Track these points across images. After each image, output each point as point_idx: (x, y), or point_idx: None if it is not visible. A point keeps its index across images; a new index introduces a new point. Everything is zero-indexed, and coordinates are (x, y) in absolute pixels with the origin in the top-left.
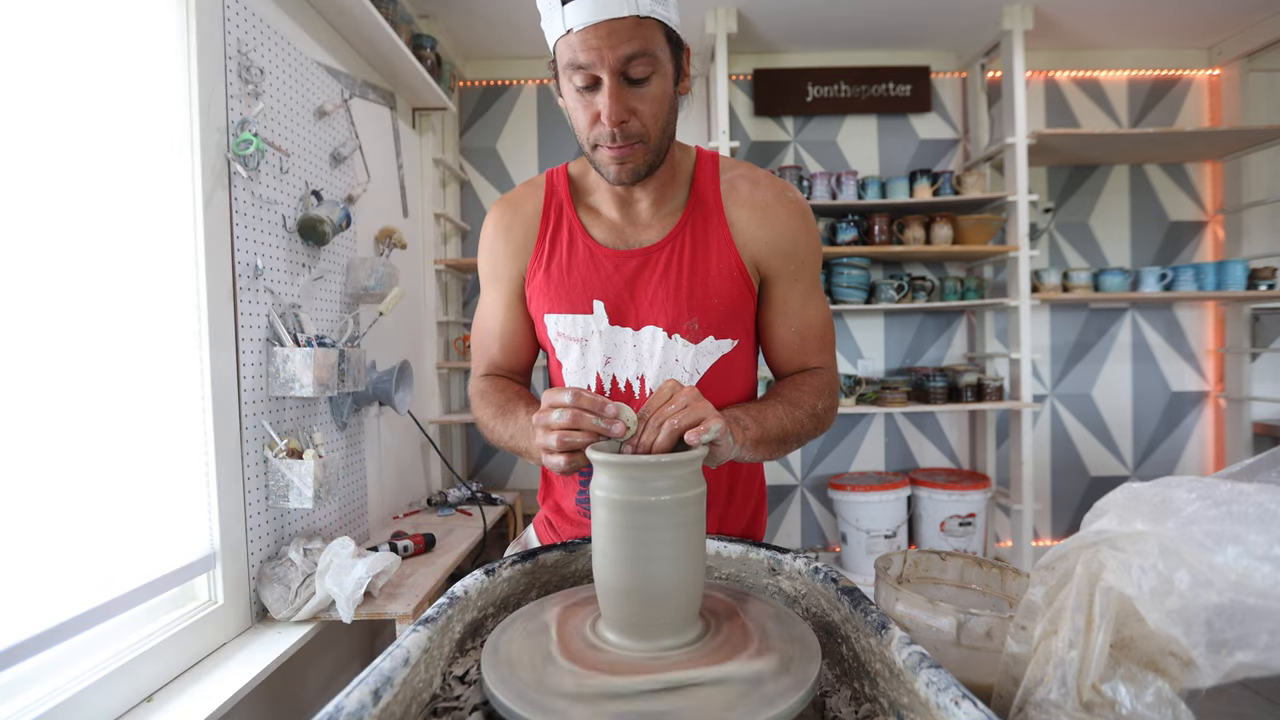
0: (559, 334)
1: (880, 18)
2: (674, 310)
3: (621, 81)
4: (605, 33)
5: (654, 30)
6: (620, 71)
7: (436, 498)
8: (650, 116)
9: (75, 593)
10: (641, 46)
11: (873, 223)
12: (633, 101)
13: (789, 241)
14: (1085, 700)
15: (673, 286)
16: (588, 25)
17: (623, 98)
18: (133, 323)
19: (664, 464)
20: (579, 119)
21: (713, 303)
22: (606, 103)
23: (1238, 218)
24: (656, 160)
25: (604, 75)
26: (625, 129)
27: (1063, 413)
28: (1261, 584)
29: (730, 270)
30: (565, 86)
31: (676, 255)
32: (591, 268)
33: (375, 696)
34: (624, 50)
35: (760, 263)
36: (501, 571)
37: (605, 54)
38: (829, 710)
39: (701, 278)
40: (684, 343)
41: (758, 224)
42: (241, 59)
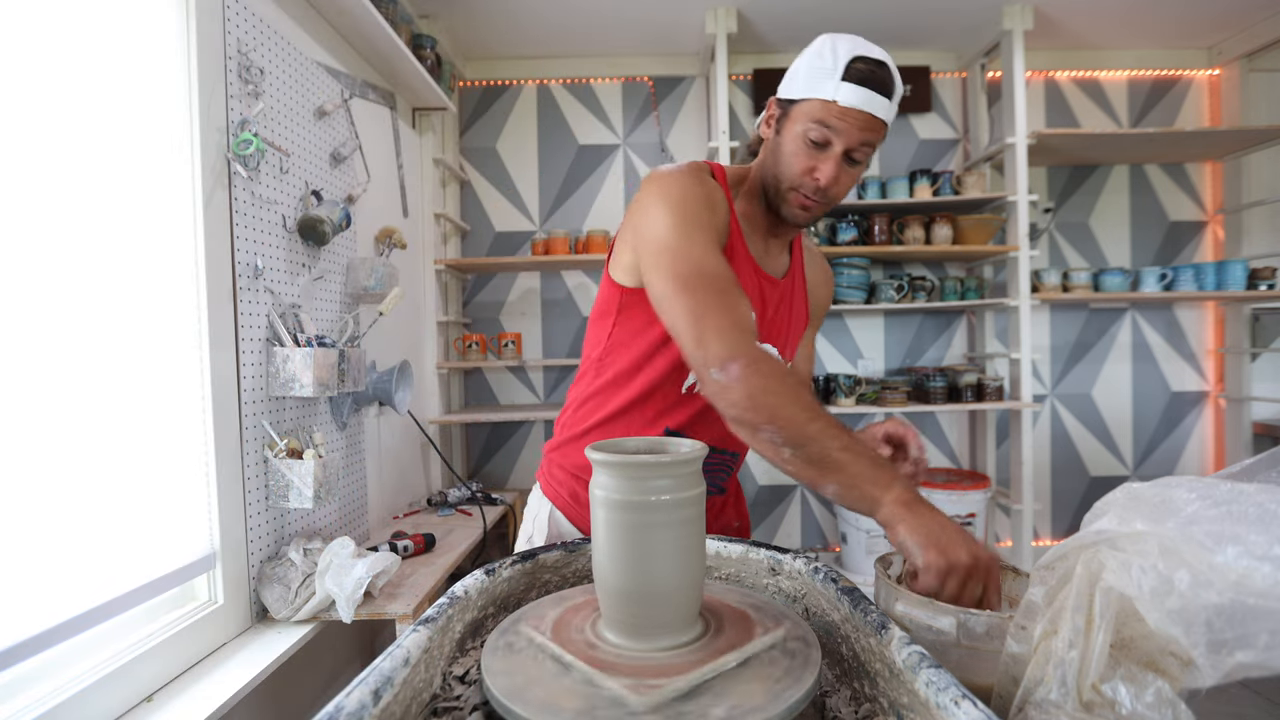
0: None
1: (880, 18)
2: (784, 338)
3: (842, 159)
4: (862, 122)
5: (884, 134)
6: (850, 151)
7: (436, 498)
8: (845, 189)
9: (75, 593)
10: (874, 141)
11: (873, 223)
12: (844, 176)
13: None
14: (1085, 700)
15: (787, 318)
16: (853, 108)
17: (839, 172)
18: (133, 323)
19: (664, 464)
20: (793, 163)
21: (796, 334)
22: (830, 169)
23: (1238, 218)
24: (819, 218)
25: (839, 146)
26: (827, 194)
27: (1063, 413)
28: (1261, 584)
29: (804, 312)
30: (790, 129)
31: (791, 293)
32: (753, 278)
33: (375, 696)
34: (866, 136)
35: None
36: (501, 571)
37: (852, 135)
38: (829, 710)
39: (798, 313)
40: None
41: (821, 285)
42: (241, 59)
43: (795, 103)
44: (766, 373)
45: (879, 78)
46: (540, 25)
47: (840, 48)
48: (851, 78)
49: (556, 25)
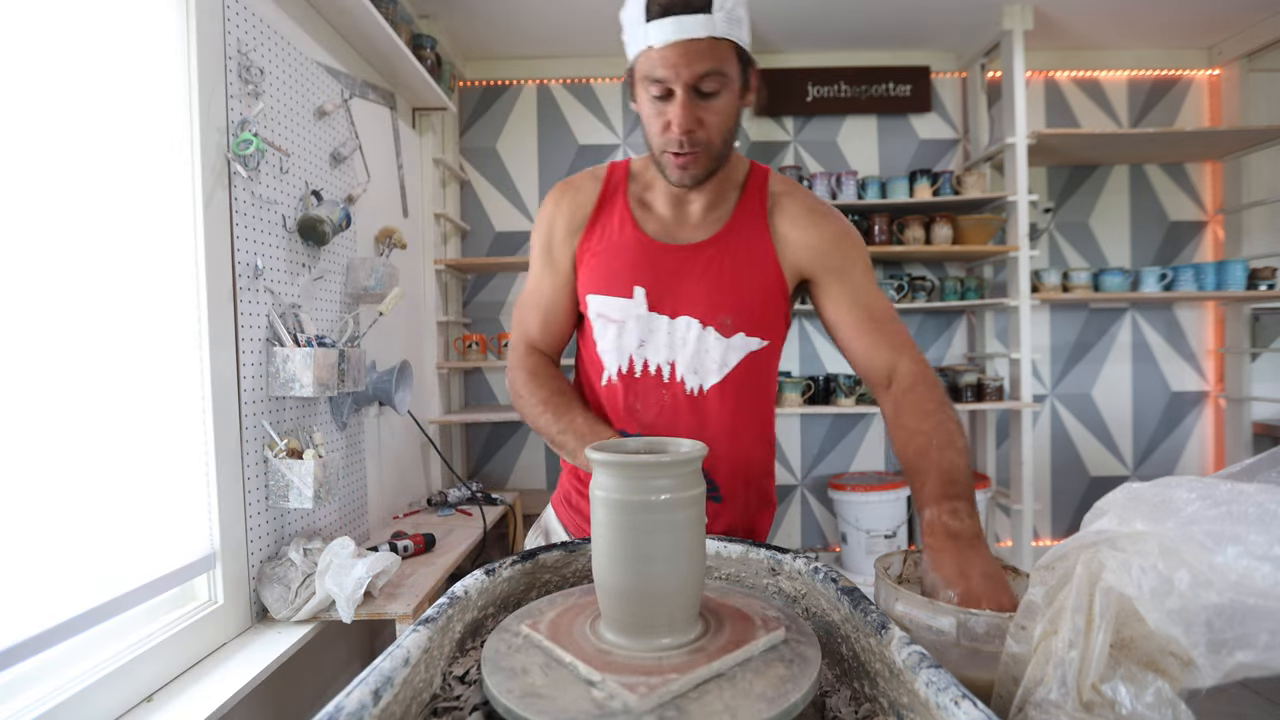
0: (599, 314)
1: (880, 18)
2: (710, 305)
3: (693, 95)
4: (682, 51)
5: (727, 50)
6: (692, 86)
7: (436, 498)
8: (715, 128)
9: (75, 593)
10: (714, 65)
11: (873, 223)
12: (701, 113)
13: (830, 240)
14: (1085, 700)
15: (712, 282)
16: (668, 43)
17: (692, 110)
18: (133, 323)
19: (664, 464)
20: (651, 126)
21: (746, 303)
22: (678, 113)
23: (1238, 218)
24: (716, 167)
25: (677, 89)
26: (692, 138)
27: (1063, 413)
28: (1261, 584)
29: (767, 276)
30: (641, 95)
31: (719, 255)
32: (637, 256)
33: (375, 696)
34: (698, 68)
35: (806, 266)
36: (501, 571)
37: (681, 70)
38: (829, 710)
39: (739, 278)
40: (716, 335)
41: (800, 230)
42: (241, 59)
43: (632, 70)
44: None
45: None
46: (540, 25)
47: None
48: (654, 14)
49: (556, 25)
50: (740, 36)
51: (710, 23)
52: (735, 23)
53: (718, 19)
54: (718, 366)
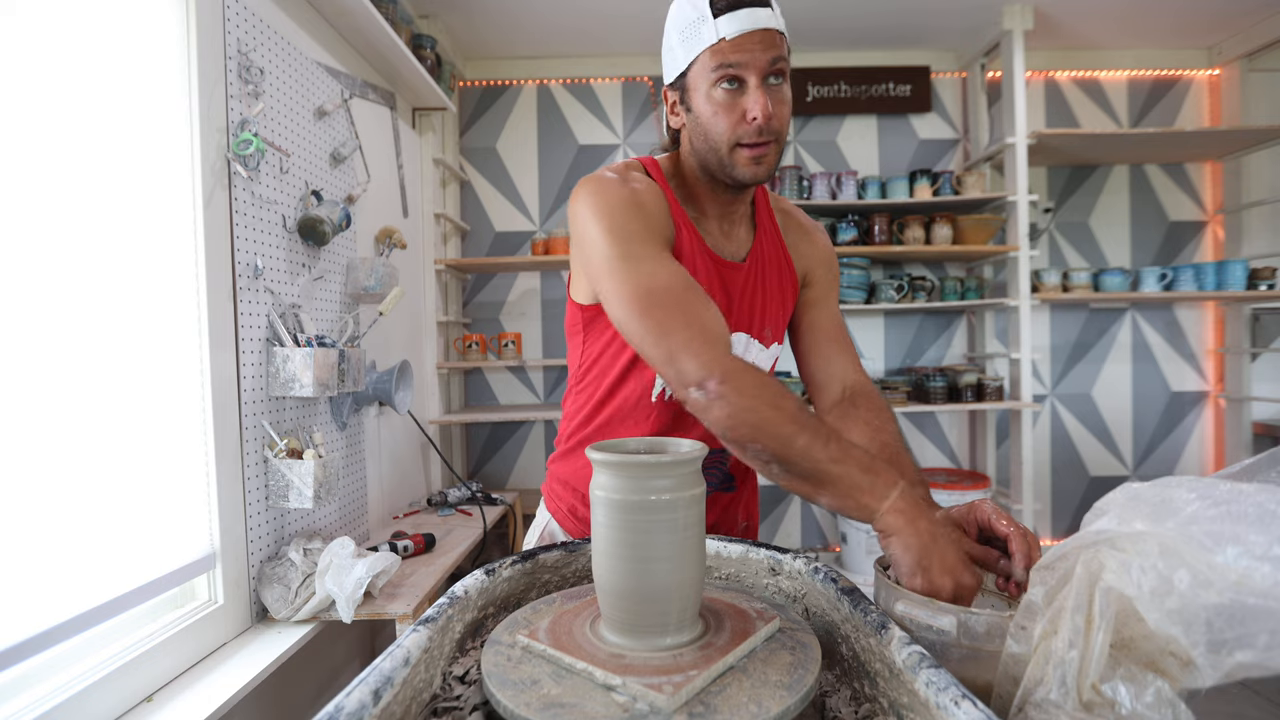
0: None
1: (880, 18)
2: (758, 319)
3: (766, 84)
4: (758, 39)
5: (786, 45)
6: (765, 73)
7: (436, 498)
8: (784, 119)
9: (75, 593)
10: (782, 52)
11: (873, 223)
12: (772, 105)
13: (826, 254)
14: (1085, 700)
15: (760, 298)
16: (742, 33)
17: (769, 98)
18: (133, 323)
19: (664, 464)
20: (722, 120)
21: (780, 313)
22: (758, 99)
23: (1238, 218)
24: (778, 164)
25: (753, 77)
26: (769, 125)
27: (1063, 413)
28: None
29: (790, 284)
30: (704, 96)
31: (759, 269)
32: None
33: (375, 696)
34: (772, 54)
35: (809, 275)
36: (501, 571)
37: (758, 57)
38: (829, 710)
39: (776, 291)
40: (760, 347)
41: (806, 241)
42: (242, 59)
43: (686, 74)
44: (745, 388)
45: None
46: (540, 25)
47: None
48: (722, 8)
49: (556, 25)
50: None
51: (773, 16)
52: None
53: (777, 14)
54: None
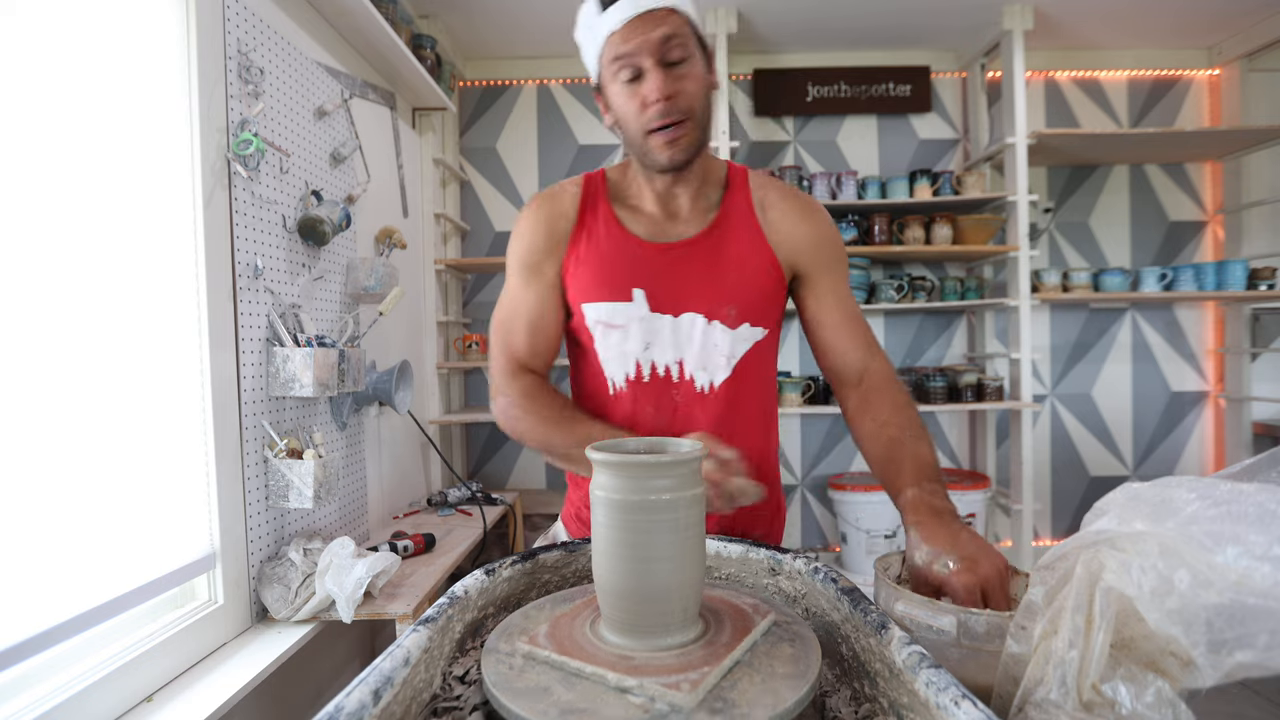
0: (597, 321)
1: (880, 18)
2: (714, 297)
3: (662, 66)
4: (641, 22)
5: (683, 19)
6: (660, 55)
7: (436, 498)
8: (692, 94)
9: (76, 593)
10: (674, 29)
11: (873, 223)
12: (674, 83)
13: (823, 237)
14: (1085, 700)
15: (712, 275)
16: (627, 20)
17: (666, 79)
18: (133, 323)
19: (664, 464)
20: (629, 110)
21: (747, 292)
22: (654, 80)
23: (1238, 218)
24: (701, 140)
25: (646, 62)
26: (673, 104)
27: (1063, 413)
28: (1261, 584)
29: (764, 264)
30: (613, 89)
31: (716, 246)
32: (631, 258)
33: (375, 696)
34: (660, 32)
35: (798, 258)
36: (501, 571)
37: (646, 44)
38: (829, 710)
39: (739, 268)
40: (723, 328)
41: (791, 222)
42: (242, 59)
43: (600, 73)
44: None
45: None
46: (540, 25)
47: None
48: (608, 1)
49: (556, 25)
50: (691, 14)
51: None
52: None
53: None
54: (726, 360)
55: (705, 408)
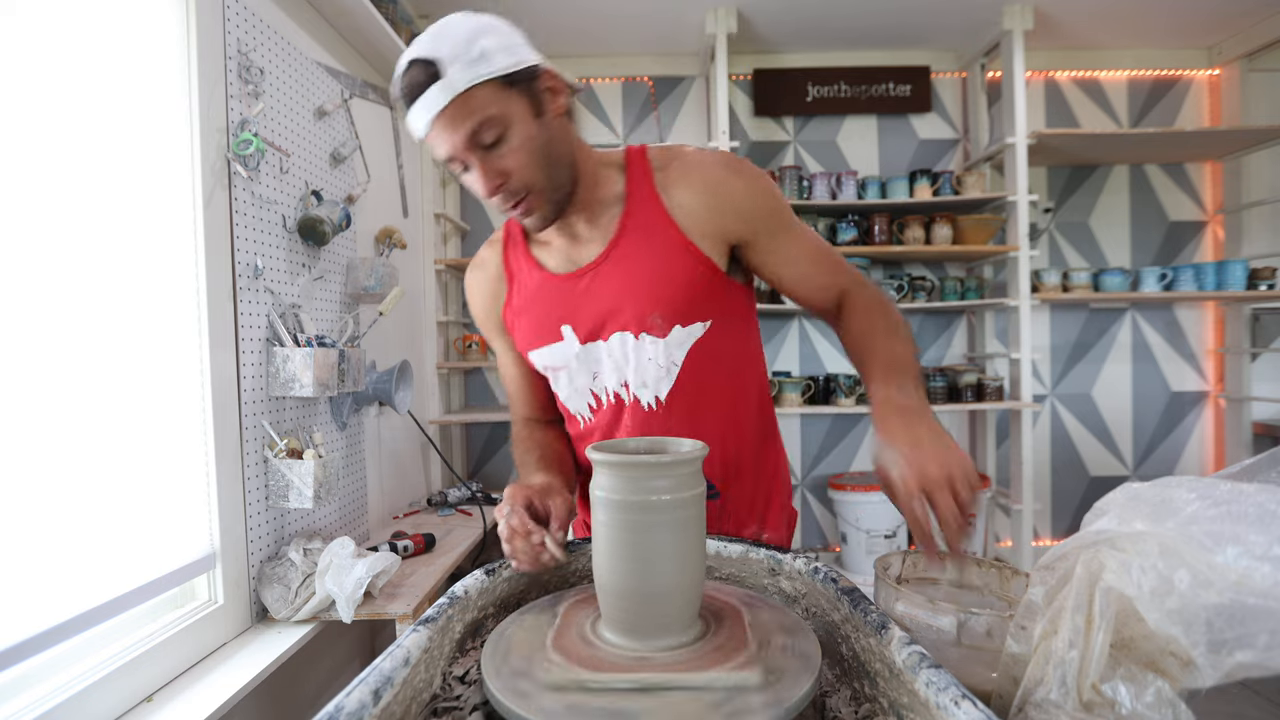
0: (545, 367)
1: (880, 18)
2: (634, 311)
3: (481, 154)
4: (441, 126)
5: (484, 94)
6: (473, 147)
7: (436, 498)
8: (522, 167)
9: (76, 593)
10: (478, 118)
11: (872, 223)
12: (499, 165)
13: (748, 199)
14: (1085, 700)
15: (628, 287)
16: (428, 128)
17: (489, 168)
18: (133, 323)
19: (664, 464)
20: (480, 195)
21: (669, 292)
22: (477, 176)
23: (1238, 218)
24: (559, 195)
25: (464, 157)
26: (507, 189)
27: (1063, 413)
28: (1261, 584)
29: (681, 255)
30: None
31: (624, 256)
32: (551, 296)
33: (375, 696)
34: (465, 129)
35: (723, 230)
36: (502, 572)
37: (453, 142)
38: (829, 710)
39: (653, 270)
40: (651, 339)
41: (699, 198)
42: (241, 59)
43: None
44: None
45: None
46: (540, 25)
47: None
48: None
49: (556, 25)
50: (489, 70)
51: (448, 85)
52: (477, 61)
53: (454, 76)
54: (666, 370)
55: (654, 425)
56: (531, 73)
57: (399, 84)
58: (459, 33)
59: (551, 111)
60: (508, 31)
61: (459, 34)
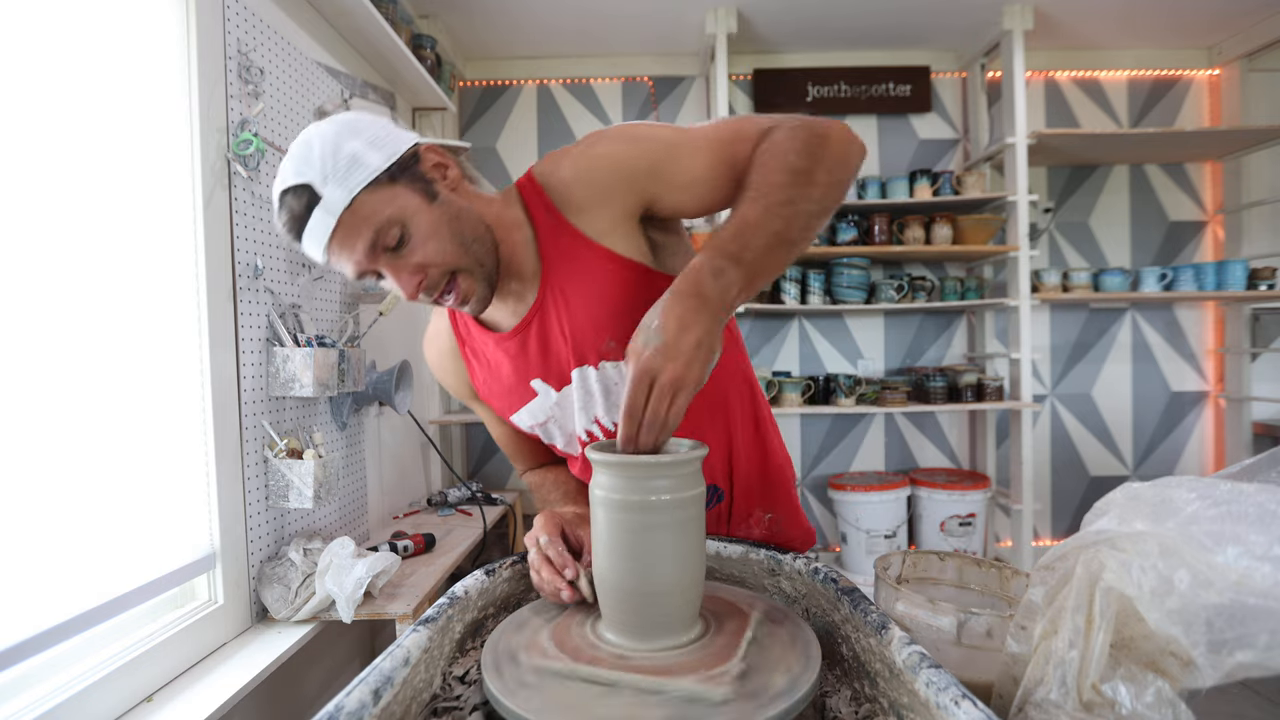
0: (531, 426)
1: (880, 18)
2: (584, 343)
3: (390, 258)
4: (338, 248)
5: (371, 198)
6: (378, 256)
7: (436, 498)
8: (437, 254)
9: (76, 592)
10: (372, 226)
11: (873, 223)
12: (412, 262)
13: (614, 167)
14: (1085, 700)
15: (570, 325)
16: (326, 254)
17: (402, 269)
18: (133, 323)
19: (664, 464)
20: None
21: (608, 312)
22: (395, 283)
23: (1237, 218)
24: (487, 269)
25: (371, 270)
26: (429, 285)
27: (1063, 413)
28: (1261, 584)
29: (605, 270)
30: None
31: (556, 291)
32: (511, 357)
33: (375, 696)
34: (363, 244)
35: (625, 214)
36: (501, 571)
37: (356, 259)
38: (829, 710)
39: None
40: (613, 364)
41: (590, 195)
42: (241, 59)
43: None
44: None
45: (297, 215)
46: (540, 25)
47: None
48: (296, 239)
49: (556, 25)
50: (367, 175)
51: (329, 207)
52: (350, 170)
53: (331, 195)
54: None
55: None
56: (412, 158)
57: (279, 219)
58: (322, 147)
59: (445, 188)
60: (370, 123)
61: (322, 148)
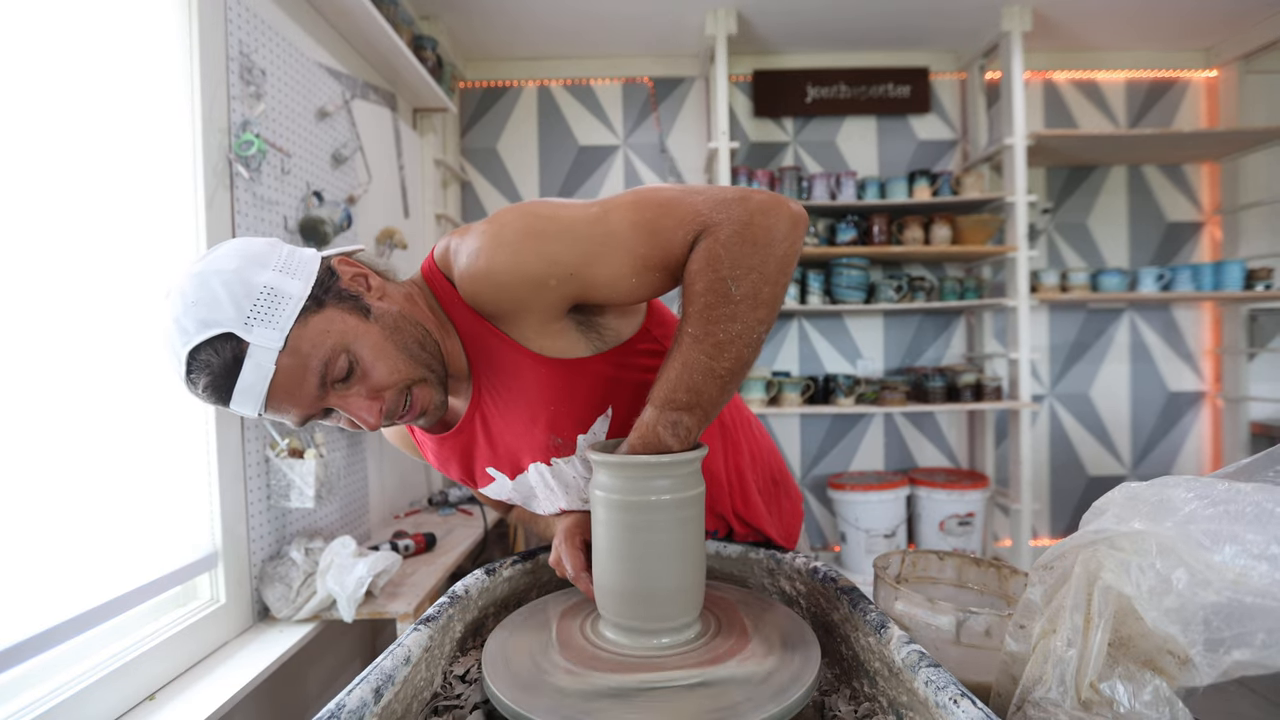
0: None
1: (880, 19)
2: (532, 446)
3: (342, 392)
4: (281, 396)
5: (307, 330)
6: (328, 392)
7: (437, 497)
8: (391, 371)
9: (78, 591)
10: (316, 365)
11: (872, 223)
12: (368, 387)
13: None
14: (1083, 699)
15: (509, 430)
16: (264, 406)
17: (358, 400)
18: (135, 323)
19: (664, 464)
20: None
21: (550, 413)
22: (357, 419)
23: (1235, 218)
24: (437, 373)
25: (321, 410)
26: (389, 403)
27: (1061, 413)
28: (1259, 583)
29: (538, 371)
30: None
31: (490, 396)
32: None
33: (377, 694)
34: (310, 383)
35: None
36: (502, 571)
37: (303, 403)
38: (829, 709)
39: (522, 405)
40: (563, 461)
41: (511, 312)
42: (243, 60)
43: None
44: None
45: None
46: (540, 26)
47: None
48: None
49: (556, 26)
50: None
51: (264, 350)
52: (275, 304)
53: (261, 340)
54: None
55: None
56: (329, 275)
57: (196, 383)
58: (228, 287)
59: (373, 299)
60: (265, 248)
61: (229, 289)
